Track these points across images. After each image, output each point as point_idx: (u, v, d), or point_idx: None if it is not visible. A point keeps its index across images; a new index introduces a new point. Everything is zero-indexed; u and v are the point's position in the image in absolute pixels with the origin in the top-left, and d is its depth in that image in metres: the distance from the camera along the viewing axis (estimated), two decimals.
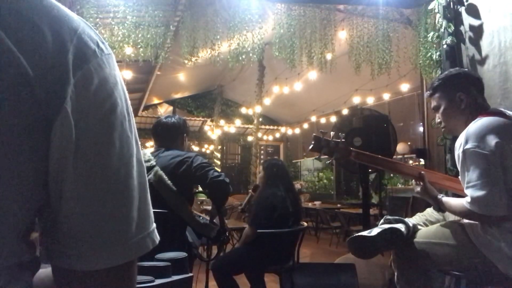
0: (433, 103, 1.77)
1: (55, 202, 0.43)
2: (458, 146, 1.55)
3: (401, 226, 1.72)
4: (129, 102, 0.49)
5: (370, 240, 1.71)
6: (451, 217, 1.78)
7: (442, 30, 2.91)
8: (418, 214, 1.94)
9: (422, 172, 1.71)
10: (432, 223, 1.86)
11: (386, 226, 1.74)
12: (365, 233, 1.74)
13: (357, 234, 1.78)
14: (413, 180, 1.77)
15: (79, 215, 0.42)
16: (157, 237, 0.49)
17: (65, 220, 0.43)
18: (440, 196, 1.66)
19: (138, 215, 0.46)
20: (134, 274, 0.48)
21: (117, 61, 0.50)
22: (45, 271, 0.52)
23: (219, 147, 11.45)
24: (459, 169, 1.58)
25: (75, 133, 0.41)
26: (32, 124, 0.39)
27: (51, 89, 0.40)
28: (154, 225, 0.50)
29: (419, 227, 1.80)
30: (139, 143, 0.49)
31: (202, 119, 11.18)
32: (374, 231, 1.72)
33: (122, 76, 0.48)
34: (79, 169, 0.42)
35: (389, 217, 1.84)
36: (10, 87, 0.38)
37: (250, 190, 3.79)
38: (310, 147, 1.81)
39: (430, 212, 1.91)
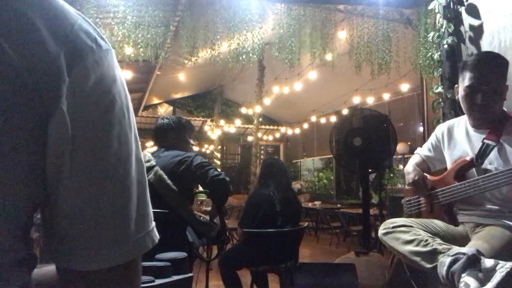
0: (491, 75, 1.67)
1: (53, 201, 0.42)
2: None
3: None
4: (129, 98, 0.48)
5: None
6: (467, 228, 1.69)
7: (442, 30, 2.91)
8: (426, 228, 1.68)
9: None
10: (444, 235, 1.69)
11: (503, 268, 1.26)
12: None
13: None
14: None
15: (77, 214, 0.42)
16: (156, 236, 0.48)
17: (63, 219, 0.42)
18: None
19: (137, 214, 0.45)
20: (136, 273, 0.47)
21: (117, 61, 0.49)
22: (49, 268, 0.52)
23: (219, 147, 11.43)
24: None
25: (72, 131, 0.40)
26: (27, 123, 0.38)
27: (45, 88, 0.39)
28: (154, 224, 0.49)
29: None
30: (139, 141, 0.48)
31: (202, 119, 11.16)
32: (488, 284, 1.25)
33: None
34: (76, 168, 0.41)
35: (462, 250, 1.39)
36: (2, 86, 0.37)
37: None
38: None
39: (443, 227, 1.75)
